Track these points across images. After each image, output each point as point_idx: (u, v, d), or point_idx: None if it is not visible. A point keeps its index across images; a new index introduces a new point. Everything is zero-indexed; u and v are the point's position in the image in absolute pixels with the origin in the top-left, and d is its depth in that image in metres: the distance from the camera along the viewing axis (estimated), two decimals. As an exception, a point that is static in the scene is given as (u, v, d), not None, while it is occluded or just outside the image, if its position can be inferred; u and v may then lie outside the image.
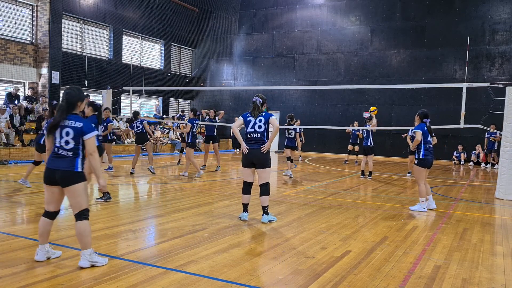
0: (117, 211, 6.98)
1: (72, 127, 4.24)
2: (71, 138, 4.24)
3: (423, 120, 7.86)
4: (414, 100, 20.40)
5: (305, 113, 22.12)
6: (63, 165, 4.22)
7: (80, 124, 4.26)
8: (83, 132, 4.25)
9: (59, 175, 4.21)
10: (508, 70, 18.84)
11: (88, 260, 4.20)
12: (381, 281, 4.12)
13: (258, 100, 6.49)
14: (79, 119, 4.31)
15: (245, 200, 6.57)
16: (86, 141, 4.26)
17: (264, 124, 6.41)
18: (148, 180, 10.90)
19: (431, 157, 7.77)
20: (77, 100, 4.37)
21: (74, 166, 4.24)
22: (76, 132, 4.24)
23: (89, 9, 19.21)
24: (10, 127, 14.02)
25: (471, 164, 18.57)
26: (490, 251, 5.30)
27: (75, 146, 4.25)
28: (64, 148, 4.25)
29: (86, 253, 4.21)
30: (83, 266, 4.18)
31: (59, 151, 4.26)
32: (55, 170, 4.22)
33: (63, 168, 4.21)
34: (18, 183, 8.96)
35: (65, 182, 4.22)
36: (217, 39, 25.37)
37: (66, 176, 4.21)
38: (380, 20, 21.28)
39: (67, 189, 4.23)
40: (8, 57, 15.91)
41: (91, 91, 19.03)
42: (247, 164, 6.50)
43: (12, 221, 6.19)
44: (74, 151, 4.26)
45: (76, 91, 4.41)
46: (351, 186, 10.84)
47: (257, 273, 4.25)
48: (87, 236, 4.23)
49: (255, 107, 6.49)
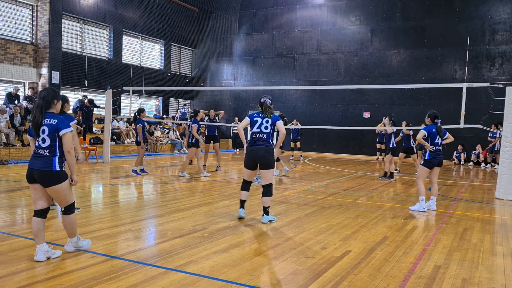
0: (117, 211, 6.98)
1: (47, 125, 4.30)
2: (46, 135, 4.28)
3: (434, 121, 7.87)
4: (414, 100, 20.41)
5: (305, 113, 22.12)
6: (40, 164, 4.26)
7: (55, 121, 4.31)
8: (58, 128, 4.28)
9: (37, 174, 4.25)
10: (508, 70, 18.84)
11: (74, 246, 4.57)
12: (381, 281, 4.12)
13: (268, 101, 6.42)
14: (54, 116, 4.36)
15: (243, 196, 6.57)
16: (62, 137, 4.30)
17: (271, 126, 6.36)
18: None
19: (437, 158, 7.80)
20: (52, 99, 4.42)
21: (51, 165, 4.26)
22: (52, 129, 4.28)
23: (89, 9, 19.21)
24: (10, 127, 14.03)
25: (471, 164, 18.57)
26: (490, 251, 5.30)
27: (51, 143, 4.28)
28: (41, 147, 4.29)
29: (73, 240, 4.56)
30: (69, 250, 4.55)
31: (38, 151, 4.31)
32: (33, 169, 4.27)
33: (39, 168, 4.25)
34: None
35: (44, 183, 4.27)
36: (217, 39, 25.37)
37: (44, 176, 4.25)
38: (380, 20, 21.28)
39: (48, 189, 4.29)
40: (8, 57, 15.91)
41: (91, 91, 19.05)
42: (250, 165, 6.46)
43: (12, 221, 6.19)
44: (50, 149, 4.28)
45: (51, 91, 4.49)
46: (351, 186, 10.84)
47: (257, 273, 4.25)
48: (74, 227, 4.52)
49: (265, 107, 6.39)
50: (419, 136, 7.70)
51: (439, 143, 7.82)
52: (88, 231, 5.51)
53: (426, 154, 7.85)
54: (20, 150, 13.65)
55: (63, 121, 4.34)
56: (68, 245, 4.58)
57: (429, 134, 7.73)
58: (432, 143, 7.74)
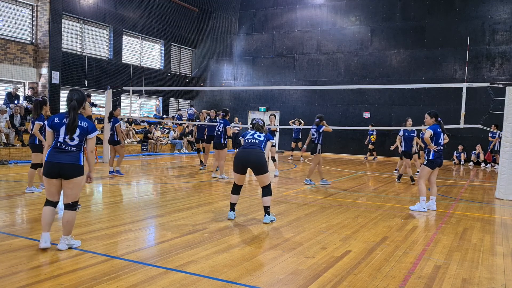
0: (117, 211, 6.98)
1: (80, 127, 4.71)
2: (76, 136, 4.68)
3: (437, 119, 7.86)
4: (414, 100, 20.42)
5: (305, 113, 22.10)
6: (68, 159, 4.63)
7: (85, 124, 4.75)
8: (88, 131, 4.75)
9: (65, 167, 4.59)
10: (508, 70, 18.84)
11: (66, 243, 4.70)
12: (381, 281, 4.12)
13: (260, 121, 6.82)
14: (85, 119, 4.81)
15: (234, 200, 6.61)
16: (88, 139, 4.77)
17: (265, 138, 6.63)
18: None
19: (440, 159, 7.82)
20: (84, 101, 4.86)
21: (78, 159, 4.69)
22: (83, 131, 4.72)
23: (89, 9, 19.20)
24: (10, 127, 14.03)
25: (471, 164, 18.57)
26: (490, 251, 5.30)
27: (79, 143, 4.72)
28: (69, 144, 4.67)
29: (66, 238, 4.72)
30: (62, 248, 4.66)
31: (63, 146, 4.65)
32: (59, 163, 4.60)
33: (68, 162, 4.62)
34: (26, 192, 8.22)
35: (69, 174, 4.62)
36: (217, 39, 25.37)
37: (72, 168, 4.62)
38: (380, 20, 21.28)
39: (70, 181, 4.63)
40: (8, 57, 15.91)
41: (91, 91, 19.03)
42: (239, 169, 6.40)
43: (12, 221, 6.19)
44: (77, 147, 4.71)
45: (82, 94, 4.86)
46: (351, 186, 10.84)
47: (257, 273, 4.25)
48: (73, 225, 4.73)
49: (257, 127, 6.75)
50: (427, 135, 7.67)
51: (442, 143, 7.84)
52: (88, 231, 5.52)
53: (430, 154, 7.80)
54: (20, 150, 13.65)
55: (92, 125, 4.82)
56: (61, 243, 4.71)
57: (434, 134, 7.71)
58: (436, 143, 7.73)
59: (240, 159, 6.38)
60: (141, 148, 18.48)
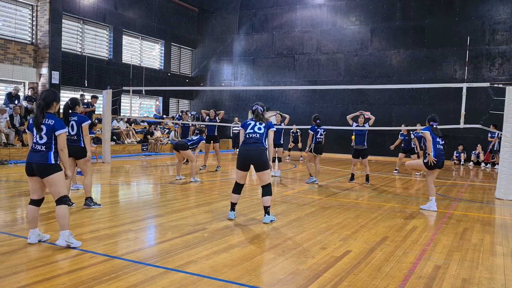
0: (117, 211, 6.98)
1: (46, 124, 4.79)
2: (44, 134, 4.77)
3: (429, 123, 7.94)
4: (414, 100, 20.41)
5: (305, 113, 22.09)
6: (38, 158, 4.75)
7: (52, 122, 4.80)
8: (54, 128, 4.79)
9: (35, 167, 4.74)
10: (508, 70, 18.84)
11: (65, 240, 4.74)
12: (381, 281, 4.12)
13: (259, 108, 6.56)
14: (52, 117, 4.85)
15: (234, 199, 6.58)
16: (57, 137, 4.80)
17: (265, 128, 6.46)
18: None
19: (442, 158, 7.82)
20: (52, 101, 4.92)
21: (47, 158, 4.76)
22: (49, 128, 4.78)
23: (89, 9, 19.21)
24: (10, 127, 14.03)
25: (471, 164, 18.57)
26: (490, 251, 5.30)
27: (47, 141, 4.78)
28: (39, 143, 4.78)
29: (65, 233, 4.76)
30: (60, 245, 4.73)
31: (35, 146, 4.80)
32: (31, 163, 4.77)
33: (38, 161, 4.74)
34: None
35: (41, 174, 4.75)
36: (217, 39, 25.37)
37: (41, 168, 4.73)
38: (380, 20, 21.28)
39: (45, 179, 4.76)
40: (8, 57, 15.91)
41: (91, 91, 19.03)
42: (242, 166, 6.42)
43: (12, 221, 6.19)
44: (46, 146, 4.78)
45: (52, 93, 4.97)
46: (351, 186, 10.83)
47: (257, 273, 4.25)
48: (65, 219, 4.77)
49: (257, 114, 6.54)
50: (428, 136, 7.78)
51: (440, 141, 7.87)
52: (88, 231, 5.52)
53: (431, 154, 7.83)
54: (20, 150, 13.65)
55: (59, 122, 4.83)
56: (60, 240, 4.77)
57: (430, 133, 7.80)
58: (434, 142, 7.78)
59: (242, 157, 6.39)
60: (141, 148, 18.48)
